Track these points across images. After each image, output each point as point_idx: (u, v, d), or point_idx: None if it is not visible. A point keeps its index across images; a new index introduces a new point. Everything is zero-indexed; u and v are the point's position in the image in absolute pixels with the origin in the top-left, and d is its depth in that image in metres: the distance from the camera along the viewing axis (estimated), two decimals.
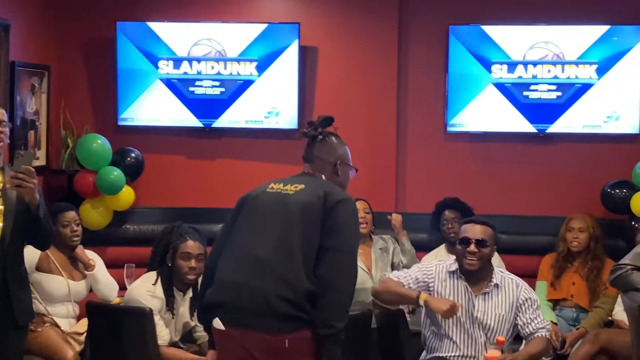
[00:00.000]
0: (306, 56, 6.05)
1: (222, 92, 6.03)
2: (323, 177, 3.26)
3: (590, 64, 5.80)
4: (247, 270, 2.96)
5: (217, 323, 2.99)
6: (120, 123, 6.07)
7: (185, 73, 6.02)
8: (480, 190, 5.92)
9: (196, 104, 6.04)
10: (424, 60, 6.06)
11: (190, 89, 6.03)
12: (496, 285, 3.99)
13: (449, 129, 5.97)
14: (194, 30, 6.01)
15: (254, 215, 3.11)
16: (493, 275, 4.02)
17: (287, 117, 6.01)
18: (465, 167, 6.05)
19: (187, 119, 6.06)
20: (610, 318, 5.02)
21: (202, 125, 6.06)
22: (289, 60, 5.95)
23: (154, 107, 6.06)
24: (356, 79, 6.04)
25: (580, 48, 5.81)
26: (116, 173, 5.65)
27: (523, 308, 3.97)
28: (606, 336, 4.69)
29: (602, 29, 5.79)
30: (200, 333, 4.23)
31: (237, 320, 2.92)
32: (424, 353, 4.13)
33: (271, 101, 6.00)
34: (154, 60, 6.02)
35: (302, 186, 3.13)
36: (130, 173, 5.84)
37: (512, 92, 5.88)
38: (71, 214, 4.73)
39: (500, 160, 6.04)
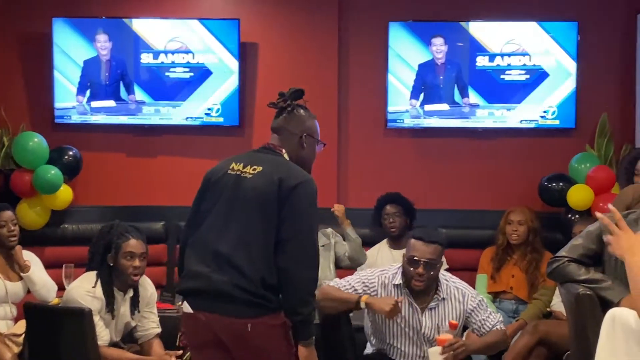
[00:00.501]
0: (246, 52, 6.03)
1: (161, 89, 5.97)
2: (284, 153, 3.21)
3: (523, 63, 5.91)
4: (210, 262, 3.04)
5: (186, 307, 3.10)
6: (57, 121, 5.97)
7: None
8: (421, 185, 5.97)
9: (135, 102, 5.97)
10: (364, 56, 6.09)
11: (129, 87, 5.96)
12: (443, 299, 3.90)
13: (390, 124, 6.01)
14: (124, 27, 5.93)
15: (216, 204, 3.14)
16: (439, 289, 3.92)
17: (227, 114, 5.97)
18: (406, 162, 6.10)
19: (126, 116, 5.98)
20: (548, 309, 5.10)
21: (141, 123, 5.99)
22: (229, 57, 5.92)
23: (92, 104, 5.96)
24: (297, 74, 6.04)
25: (515, 43, 5.91)
26: (53, 172, 5.55)
27: (473, 314, 3.92)
28: (545, 327, 4.77)
29: (535, 25, 5.90)
30: (142, 333, 4.19)
31: (204, 305, 3.02)
32: (368, 345, 4.12)
33: (211, 98, 5.96)
34: None
35: (260, 168, 3.11)
36: (68, 171, 5.74)
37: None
38: (7, 214, 4.63)
39: (441, 155, 6.10)
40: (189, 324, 3.13)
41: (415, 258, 3.81)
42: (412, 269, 3.81)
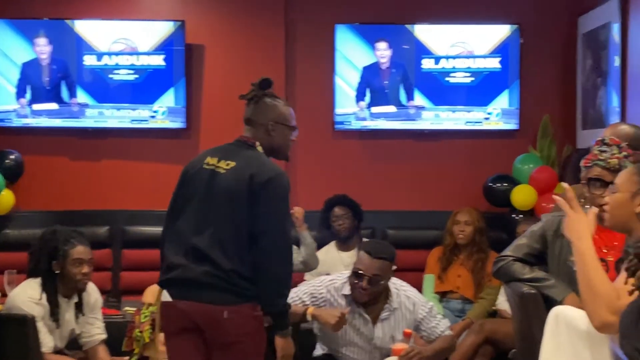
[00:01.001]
0: (192, 54, 5.99)
1: (105, 92, 5.90)
2: (257, 145, 3.24)
3: (468, 65, 5.98)
4: (188, 256, 3.14)
5: (165, 296, 3.25)
6: None
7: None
8: (369, 187, 6.00)
9: (78, 105, 5.88)
10: (311, 58, 6.09)
11: (72, 89, 5.88)
12: (394, 309, 3.88)
13: (337, 126, 6.02)
14: (66, 29, 5.85)
15: (192, 200, 3.22)
16: (390, 299, 3.88)
17: (174, 117, 5.93)
18: (354, 164, 6.12)
19: (69, 119, 5.89)
20: (494, 308, 5.17)
21: (85, 126, 5.91)
22: (174, 59, 5.87)
23: (33, 107, 5.86)
24: (244, 77, 5.90)
25: (460, 46, 5.98)
26: None
27: (424, 322, 3.91)
28: (491, 326, 4.83)
29: (479, 28, 5.97)
30: (87, 339, 4.12)
31: (183, 293, 3.14)
32: (317, 347, 4.11)
33: (157, 100, 5.91)
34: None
35: (233, 163, 3.17)
36: (9, 176, 5.64)
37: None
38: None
39: (388, 156, 6.14)
40: (168, 313, 3.23)
41: (360, 272, 3.77)
42: (356, 281, 3.79)
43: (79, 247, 3.98)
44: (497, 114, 6.01)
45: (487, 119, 6.02)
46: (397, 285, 3.95)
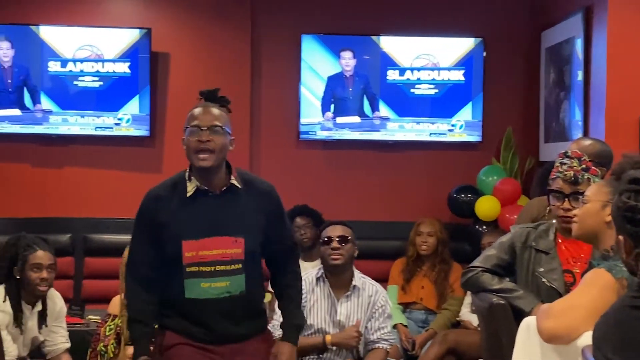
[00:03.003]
0: (158, 62, 5.96)
1: (69, 98, 5.84)
2: None
3: (432, 77, 6.05)
4: None
5: None
6: None
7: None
8: (333, 197, 6.02)
9: (41, 111, 5.82)
10: (277, 68, 6.10)
11: (35, 95, 5.81)
12: (356, 288, 4.11)
13: (302, 136, 6.04)
14: (30, 34, 5.79)
15: None
16: (353, 278, 4.14)
17: (138, 124, 5.89)
18: (318, 174, 6.13)
19: (32, 125, 5.82)
20: (457, 319, 5.21)
21: (48, 133, 5.84)
22: (140, 66, 5.84)
23: None
24: (209, 85, 5.87)
25: (425, 58, 6.04)
26: None
27: (376, 314, 4.09)
28: (454, 337, 4.86)
29: (443, 40, 6.04)
30: (51, 347, 4.08)
31: None
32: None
33: (122, 108, 5.86)
34: None
35: None
36: None
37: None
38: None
39: (352, 167, 6.16)
40: None
41: (329, 236, 4.12)
42: (327, 246, 4.10)
43: (39, 252, 3.96)
44: (461, 126, 6.07)
45: (451, 130, 6.08)
46: (362, 275, 4.24)
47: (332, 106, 6.03)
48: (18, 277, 3.92)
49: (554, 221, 3.30)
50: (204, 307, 3.01)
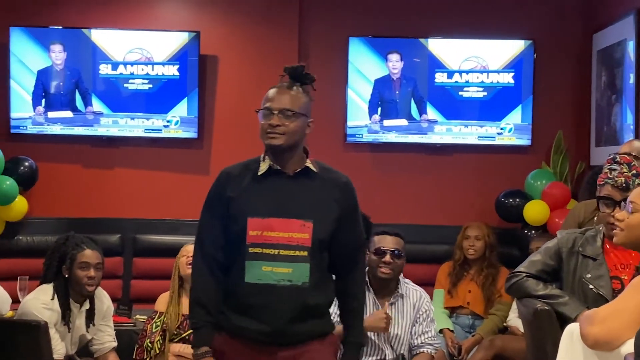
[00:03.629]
0: (206, 65, 6.01)
1: (120, 101, 5.93)
2: None
3: (481, 80, 5.99)
4: None
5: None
6: (13, 131, 5.88)
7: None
8: (379, 200, 5.99)
9: (92, 113, 5.91)
10: (324, 70, 6.08)
11: (86, 98, 5.91)
12: (402, 296, 4.06)
13: (349, 139, 6.03)
14: (82, 37, 5.88)
15: None
16: (399, 286, 4.08)
17: (186, 126, 5.95)
18: (364, 177, 6.09)
19: (83, 127, 5.92)
20: (504, 324, 5.15)
21: (98, 134, 5.93)
22: (188, 69, 5.90)
23: (49, 114, 5.89)
24: (256, 88, 5.99)
25: (474, 60, 5.99)
26: (8, 182, 5.45)
27: (420, 319, 4.05)
28: (501, 342, 4.81)
29: (493, 43, 5.98)
30: (98, 346, 4.13)
31: None
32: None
33: (171, 110, 5.93)
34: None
35: None
36: (23, 182, 5.65)
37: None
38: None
39: (399, 170, 6.14)
40: None
41: (382, 248, 4.04)
42: (378, 258, 4.02)
43: (87, 251, 4.01)
44: (510, 129, 6.00)
45: (500, 134, 6.02)
46: (407, 281, 4.18)
47: (379, 109, 6.01)
48: (66, 276, 3.98)
49: (602, 227, 3.24)
50: (263, 294, 2.84)
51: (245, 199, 2.89)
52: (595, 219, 3.65)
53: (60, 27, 5.90)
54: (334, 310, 3.08)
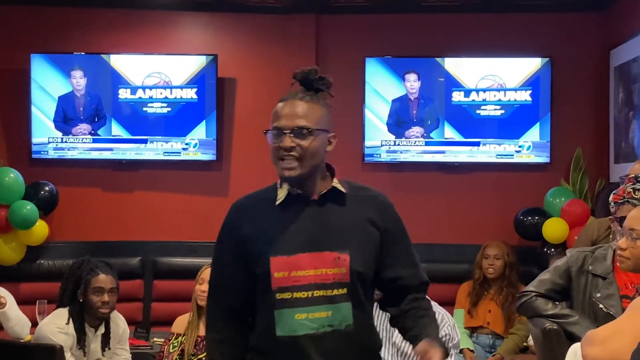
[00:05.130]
0: (224, 88, 6.06)
1: (139, 124, 5.99)
2: None
3: (498, 98, 5.98)
4: None
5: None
6: (35, 156, 5.97)
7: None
8: None
9: (112, 137, 5.98)
10: (341, 91, 6.07)
11: (106, 122, 5.99)
12: None
13: (367, 159, 6.04)
14: (102, 63, 5.96)
15: None
16: None
17: (205, 149, 5.99)
18: None
19: (103, 151, 5.99)
20: (525, 344, 5.10)
21: (118, 158, 6.00)
22: (207, 92, 5.95)
23: (69, 139, 5.97)
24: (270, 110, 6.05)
25: (490, 79, 5.98)
26: (29, 207, 5.53)
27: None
28: None
29: (509, 61, 5.96)
30: None
31: None
32: None
33: (189, 133, 5.98)
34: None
35: None
36: (44, 207, 5.72)
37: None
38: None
39: (417, 189, 6.12)
40: None
41: None
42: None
43: (101, 276, 4.04)
44: (529, 147, 5.97)
45: (518, 152, 5.99)
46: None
47: (397, 128, 6.02)
48: (81, 300, 4.02)
49: (614, 245, 3.21)
50: (300, 348, 2.32)
51: (264, 235, 2.38)
52: (611, 236, 3.62)
53: (80, 53, 5.98)
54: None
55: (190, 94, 5.98)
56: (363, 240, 2.41)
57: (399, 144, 6.02)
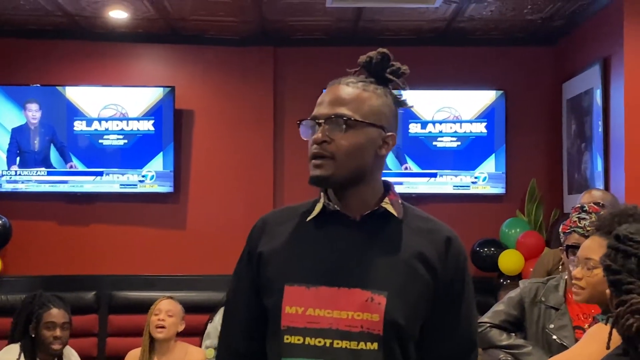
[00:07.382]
0: (182, 119, 6.05)
1: (95, 157, 5.94)
2: None
3: (455, 130, 6.04)
4: None
5: None
6: None
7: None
8: None
9: (67, 170, 5.92)
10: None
11: (61, 154, 5.93)
12: None
13: None
14: (57, 95, 5.92)
15: None
16: None
17: (162, 181, 5.96)
18: None
19: (58, 184, 5.92)
20: None
21: (73, 191, 5.93)
22: (163, 124, 5.93)
23: (22, 172, 5.90)
24: (232, 141, 6.07)
25: (446, 111, 6.05)
26: None
27: None
28: None
29: (465, 93, 6.05)
30: None
31: None
32: None
33: (146, 165, 5.95)
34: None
35: None
36: None
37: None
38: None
39: None
40: None
41: None
42: None
43: (53, 310, 3.97)
44: (484, 178, 6.03)
45: (474, 183, 6.04)
46: None
47: None
48: (33, 336, 3.95)
49: (565, 275, 3.24)
50: None
51: (282, 256, 1.84)
52: (561, 267, 3.65)
53: (36, 85, 5.94)
54: None
55: (147, 125, 5.96)
56: (409, 283, 1.80)
57: None
